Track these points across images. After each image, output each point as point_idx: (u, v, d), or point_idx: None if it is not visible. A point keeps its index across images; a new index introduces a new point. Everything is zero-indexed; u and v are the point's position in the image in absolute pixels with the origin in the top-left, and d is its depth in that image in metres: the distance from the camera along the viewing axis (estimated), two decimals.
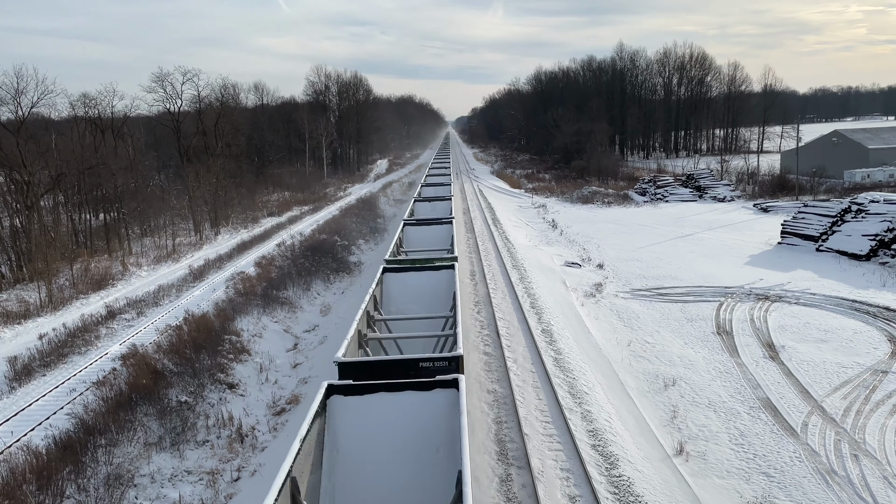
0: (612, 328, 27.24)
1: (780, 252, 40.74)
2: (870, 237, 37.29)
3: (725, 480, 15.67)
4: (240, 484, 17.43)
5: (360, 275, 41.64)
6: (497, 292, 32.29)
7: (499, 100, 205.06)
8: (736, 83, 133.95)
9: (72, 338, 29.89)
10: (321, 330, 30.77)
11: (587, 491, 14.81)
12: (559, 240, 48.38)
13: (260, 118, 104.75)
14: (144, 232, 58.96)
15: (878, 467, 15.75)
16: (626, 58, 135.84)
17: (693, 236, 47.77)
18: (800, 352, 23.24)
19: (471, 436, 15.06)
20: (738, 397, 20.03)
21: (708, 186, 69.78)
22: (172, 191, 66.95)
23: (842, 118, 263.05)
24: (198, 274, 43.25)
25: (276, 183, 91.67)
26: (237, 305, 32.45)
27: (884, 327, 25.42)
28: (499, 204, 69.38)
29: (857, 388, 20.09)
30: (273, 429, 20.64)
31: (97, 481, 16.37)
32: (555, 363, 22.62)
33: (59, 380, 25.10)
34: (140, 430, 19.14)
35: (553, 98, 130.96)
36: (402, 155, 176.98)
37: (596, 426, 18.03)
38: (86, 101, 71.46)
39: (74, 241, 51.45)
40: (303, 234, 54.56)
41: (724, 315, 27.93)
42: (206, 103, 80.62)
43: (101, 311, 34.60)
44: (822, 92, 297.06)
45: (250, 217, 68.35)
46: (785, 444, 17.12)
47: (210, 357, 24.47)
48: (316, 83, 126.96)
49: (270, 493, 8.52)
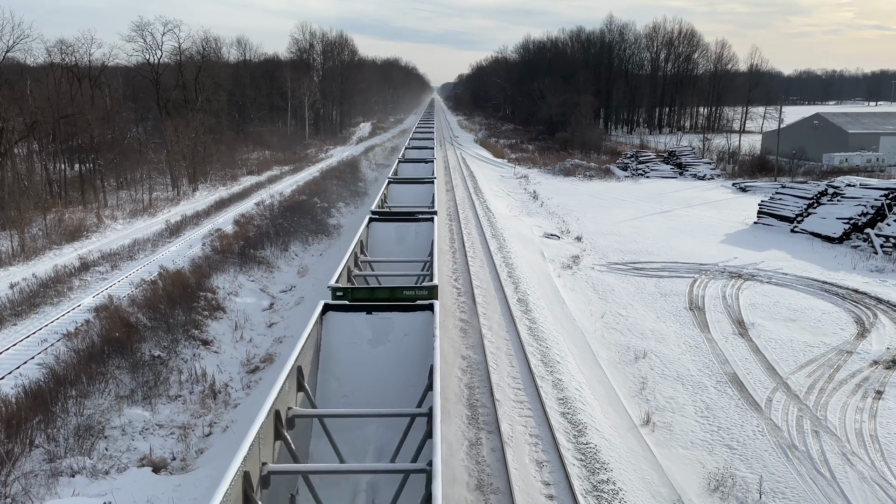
0: (586, 300, 27.52)
1: (755, 231, 41.25)
2: (844, 220, 37.84)
3: (689, 451, 16.05)
4: (211, 439, 17.51)
5: (338, 237, 41.51)
6: (475, 261, 32.41)
7: (486, 67, 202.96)
8: (723, 62, 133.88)
9: (44, 288, 29.55)
10: (298, 291, 30.72)
11: (555, 457, 15.11)
12: (539, 211, 48.51)
13: (242, 74, 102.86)
14: (120, 185, 58.00)
15: (838, 444, 16.21)
16: (615, 31, 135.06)
17: (671, 213, 48.15)
18: (768, 329, 23.69)
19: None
20: (706, 371, 20.43)
21: (689, 164, 70.15)
22: (150, 144, 65.67)
23: (825, 101, 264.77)
24: (174, 229, 42.81)
25: (256, 141, 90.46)
26: (213, 263, 32.24)
27: (851, 309, 25.97)
28: (481, 173, 69.22)
29: (821, 367, 20.57)
30: (246, 386, 20.70)
31: (67, 432, 16.34)
32: (529, 332, 22.85)
33: (31, 329, 24.86)
34: (112, 383, 19.08)
35: (540, 68, 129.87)
36: (385, 119, 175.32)
37: (566, 394, 18.32)
38: (63, 47, 69.51)
39: (48, 190, 50.53)
40: (282, 195, 54.10)
41: (698, 291, 28.33)
42: (186, 56, 78.85)
43: (74, 262, 34.19)
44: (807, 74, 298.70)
45: (229, 174, 67.52)
46: (749, 418, 17.54)
47: (185, 313, 24.36)
48: (300, 41, 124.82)
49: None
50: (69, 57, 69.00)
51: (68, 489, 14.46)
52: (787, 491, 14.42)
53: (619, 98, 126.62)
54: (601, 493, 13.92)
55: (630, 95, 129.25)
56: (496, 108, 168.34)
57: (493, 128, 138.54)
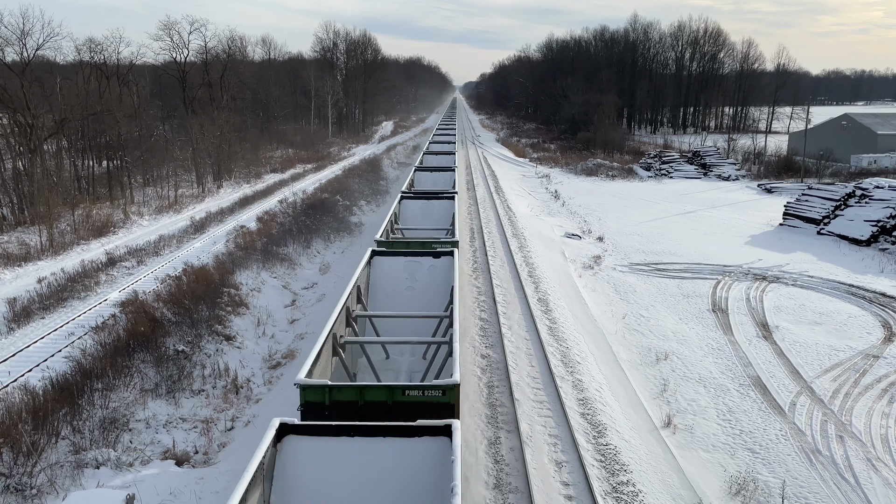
0: (608, 300, 27.37)
1: (780, 233, 40.73)
2: (872, 223, 37.24)
3: (710, 454, 15.91)
4: (233, 433, 17.70)
5: (360, 235, 41.68)
6: (496, 260, 32.37)
7: (508, 66, 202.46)
8: (749, 61, 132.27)
9: (71, 282, 30.03)
10: (319, 287, 30.91)
11: (574, 457, 15.06)
12: (561, 211, 48.31)
13: (266, 73, 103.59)
14: (147, 181, 58.76)
15: (863, 449, 15.98)
16: (639, 29, 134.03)
17: (695, 213, 47.70)
18: (793, 333, 23.40)
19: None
20: (729, 374, 20.23)
21: (713, 164, 69.42)
22: (176, 141, 66.41)
23: (853, 102, 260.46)
24: (199, 226, 43.27)
25: (280, 139, 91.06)
26: (237, 259, 32.54)
27: (878, 313, 25.56)
28: (502, 172, 69.10)
29: (847, 371, 20.27)
30: (268, 381, 20.88)
31: (92, 424, 16.61)
32: (549, 332, 22.78)
33: (58, 323, 25.29)
34: (137, 377, 19.36)
35: (563, 67, 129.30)
36: (407, 118, 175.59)
37: (586, 395, 18.25)
38: (92, 45, 70.55)
39: (76, 186, 51.31)
40: (305, 192, 54.44)
41: (721, 293, 28.05)
42: (212, 55, 79.73)
43: (101, 257, 34.71)
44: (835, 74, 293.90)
45: (253, 172, 68.08)
46: (772, 422, 17.34)
47: (208, 308, 24.63)
48: (324, 40, 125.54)
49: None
50: (98, 55, 70.08)
51: (93, 481, 14.70)
52: (810, 496, 14.24)
53: (643, 97, 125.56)
54: (620, 494, 13.85)
55: (654, 95, 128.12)
56: (518, 107, 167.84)
57: (514, 127, 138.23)
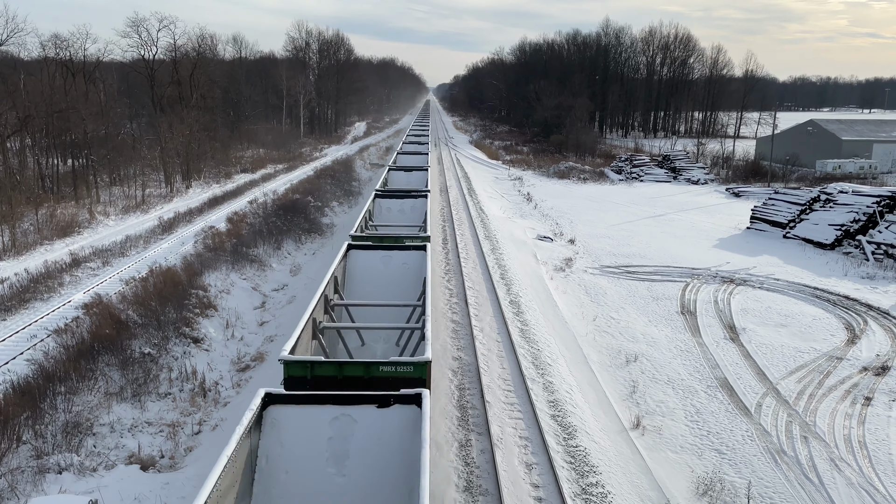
0: (579, 303, 27.54)
1: (748, 237, 41.38)
2: (836, 227, 38.00)
3: (678, 455, 16.07)
4: (200, 437, 17.43)
5: (331, 237, 41.42)
6: (468, 262, 32.40)
7: (482, 69, 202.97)
8: (718, 67, 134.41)
9: (34, 283, 29.37)
10: (290, 290, 30.63)
11: (544, 459, 15.11)
12: (533, 213, 48.54)
13: (237, 72, 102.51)
14: (113, 181, 57.73)
15: (827, 450, 16.27)
16: (611, 34, 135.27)
17: (665, 217, 48.26)
18: (759, 335, 23.76)
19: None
20: (697, 376, 20.47)
21: (683, 168, 70.34)
22: (144, 140, 65.32)
23: (819, 108, 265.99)
24: (167, 226, 42.64)
25: (250, 139, 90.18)
26: (206, 260, 32.10)
27: (842, 315, 26.07)
28: (475, 174, 69.24)
29: (811, 373, 20.64)
30: (237, 384, 20.62)
31: (55, 428, 16.24)
32: (521, 334, 22.85)
33: (20, 325, 24.71)
34: (101, 380, 18.97)
35: (536, 70, 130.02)
36: (380, 119, 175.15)
37: (557, 397, 18.33)
38: (57, 41, 69.16)
39: (40, 185, 50.23)
40: (276, 193, 53.97)
41: (689, 296, 28.39)
42: (182, 52, 78.59)
43: (65, 258, 34.01)
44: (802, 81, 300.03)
45: (223, 172, 67.29)
46: (738, 423, 17.58)
47: (176, 310, 24.25)
48: (296, 39, 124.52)
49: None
50: (63, 51, 68.71)
51: (55, 486, 14.37)
52: (775, 496, 14.45)
53: (615, 101, 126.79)
54: (590, 495, 13.91)
55: (625, 99, 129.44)
56: (491, 109, 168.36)
57: (488, 129, 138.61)
